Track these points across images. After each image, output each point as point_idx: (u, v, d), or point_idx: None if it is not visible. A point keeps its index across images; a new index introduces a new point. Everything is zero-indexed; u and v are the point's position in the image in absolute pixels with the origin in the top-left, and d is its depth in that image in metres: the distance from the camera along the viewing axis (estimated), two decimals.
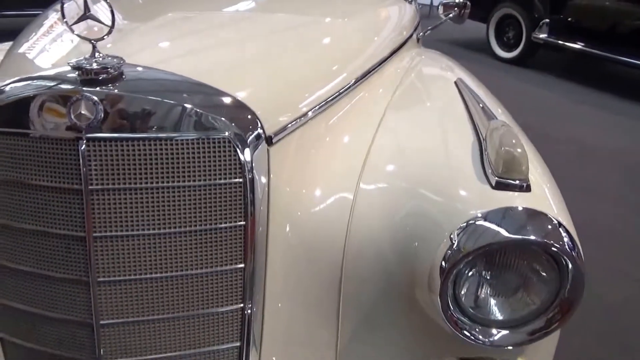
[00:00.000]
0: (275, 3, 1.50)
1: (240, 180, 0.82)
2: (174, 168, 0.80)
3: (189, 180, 0.80)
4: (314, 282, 0.92)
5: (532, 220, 0.81)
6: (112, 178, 0.78)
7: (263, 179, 0.86)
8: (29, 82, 0.82)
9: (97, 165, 0.77)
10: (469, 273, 0.82)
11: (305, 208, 0.93)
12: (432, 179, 0.91)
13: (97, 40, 0.80)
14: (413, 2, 1.95)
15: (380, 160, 0.99)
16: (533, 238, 0.78)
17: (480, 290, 0.85)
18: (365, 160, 0.99)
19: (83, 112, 0.76)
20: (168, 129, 0.79)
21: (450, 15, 1.88)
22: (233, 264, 0.85)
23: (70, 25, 0.80)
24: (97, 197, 0.78)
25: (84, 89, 0.77)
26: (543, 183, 0.91)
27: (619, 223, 2.68)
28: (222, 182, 0.82)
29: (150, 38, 1.05)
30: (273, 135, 0.88)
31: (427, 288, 0.83)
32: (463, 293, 0.82)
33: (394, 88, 1.28)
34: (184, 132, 0.80)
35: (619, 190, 3.05)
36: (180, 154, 0.80)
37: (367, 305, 0.92)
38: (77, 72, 0.78)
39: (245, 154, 0.82)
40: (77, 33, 0.80)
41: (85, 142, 0.76)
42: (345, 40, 1.32)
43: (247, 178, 0.82)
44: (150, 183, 0.79)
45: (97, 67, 0.78)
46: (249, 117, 0.85)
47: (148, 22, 1.15)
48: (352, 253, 0.90)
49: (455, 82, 1.24)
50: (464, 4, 1.85)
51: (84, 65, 0.78)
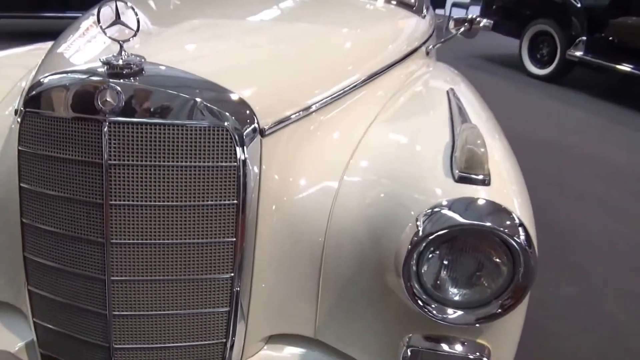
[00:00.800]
0: (290, 14, 1.65)
1: (235, 164, 0.96)
2: (181, 150, 0.94)
3: (193, 162, 0.95)
4: (297, 261, 1.05)
5: (489, 210, 0.91)
6: (128, 155, 0.93)
7: (255, 166, 1.00)
8: (65, 74, 0.98)
9: (116, 144, 0.93)
10: (430, 255, 0.93)
11: (290, 194, 1.06)
12: (405, 174, 1.03)
13: (124, 42, 0.96)
14: (427, 16, 2.05)
15: (364, 157, 1.11)
16: (488, 225, 0.88)
17: (442, 273, 0.95)
18: (352, 155, 1.12)
19: (108, 99, 0.92)
20: (178, 117, 0.94)
21: (462, 30, 1.98)
22: (226, 237, 0.99)
23: (104, 29, 0.96)
24: (114, 171, 0.93)
25: (110, 80, 0.93)
26: (508, 179, 1.02)
27: None
28: (220, 164, 0.96)
29: (172, 41, 1.21)
30: (266, 128, 1.02)
31: (394, 267, 0.95)
32: (424, 271, 0.93)
33: (392, 94, 1.40)
34: (192, 120, 0.94)
35: None
36: (187, 139, 0.94)
37: (344, 284, 1.04)
38: (105, 66, 0.95)
39: (241, 143, 0.96)
40: (108, 35, 0.96)
41: (108, 124, 0.92)
42: (349, 48, 1.45)
43: (240, 163, 0.96)
44: (160, 161, 0.94)
45: (122, 63, 0.94)
46: (247, 112, 1.00)
47: (172, 27, 1.32)
48: (333, 236, 1.03)
49: (447, 91, 1.35)
50: (473, 20, 1.94)
51: (112, 61, 0.95)
